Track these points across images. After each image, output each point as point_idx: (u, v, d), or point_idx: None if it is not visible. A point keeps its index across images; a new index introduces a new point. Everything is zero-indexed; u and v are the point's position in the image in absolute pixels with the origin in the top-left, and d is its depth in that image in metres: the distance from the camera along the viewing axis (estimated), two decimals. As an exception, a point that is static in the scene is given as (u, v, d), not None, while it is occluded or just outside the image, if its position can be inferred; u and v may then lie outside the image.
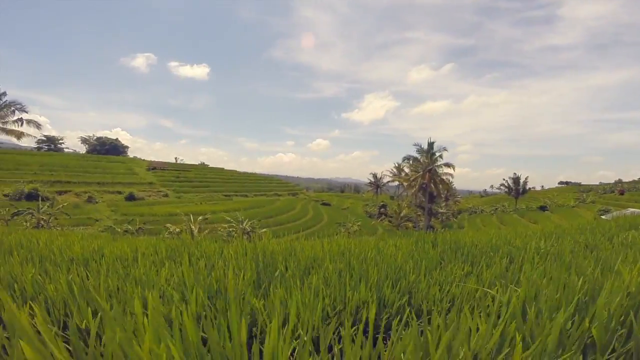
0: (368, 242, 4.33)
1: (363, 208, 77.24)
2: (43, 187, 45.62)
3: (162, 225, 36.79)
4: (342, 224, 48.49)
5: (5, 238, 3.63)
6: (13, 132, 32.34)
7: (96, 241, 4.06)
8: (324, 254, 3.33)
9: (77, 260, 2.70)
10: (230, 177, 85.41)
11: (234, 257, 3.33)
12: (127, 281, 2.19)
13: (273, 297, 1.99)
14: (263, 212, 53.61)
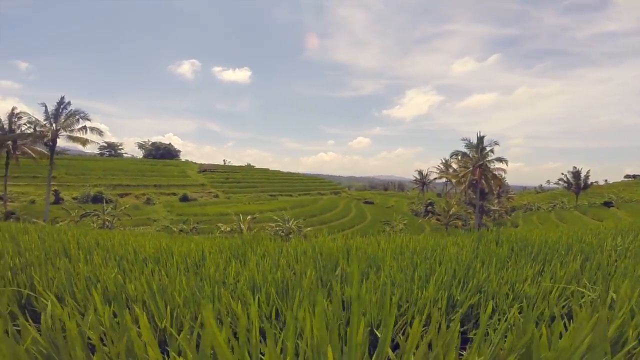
0: (427, 240, 4.38)
1: (408, 206, 75.57)
2: (106, 190, 49.79)
3: (214, 225, 38.67)
4: (387, 223, 47.88)
5: (84, 238, 3.98)
6: (79, 139, 35.48)
7: (164, 240, 4.43)
8: (383, 252, 3.45)
9: (150, 259, 2.95)
10: (275, 177, 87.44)
11: (293, 255, 3.55)
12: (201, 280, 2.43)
13: (340, 295, 2.13)
14: (307, 211, 54.37)
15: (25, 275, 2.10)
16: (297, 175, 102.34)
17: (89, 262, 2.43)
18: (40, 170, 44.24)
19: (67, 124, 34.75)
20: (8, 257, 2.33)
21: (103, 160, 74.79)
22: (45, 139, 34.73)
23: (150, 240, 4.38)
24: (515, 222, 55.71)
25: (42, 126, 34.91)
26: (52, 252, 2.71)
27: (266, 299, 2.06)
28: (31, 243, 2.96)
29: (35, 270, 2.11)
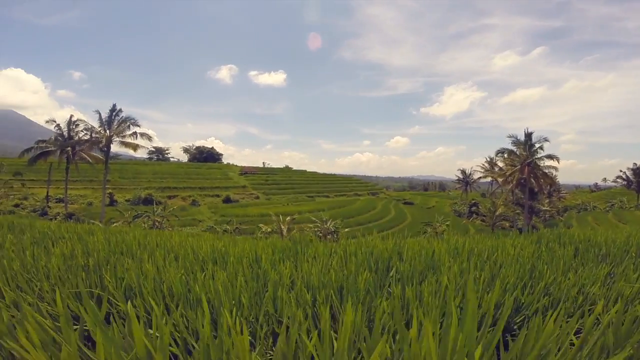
0: (484, 242, 4.18)
1: (451, 207, 73.06)
2: (156, 193, 52.70)
3: (255, 225, 39.67)
4: (428, 224, 46.55)
5: (143, 240, 4.16)
6: (130, 144, 37.86)
7: (220, 241, 4.55)
8: (438, 254, 3.32)
9: (207, 259, 3.04)
10: (312, 179, 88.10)
11: (343, 257, 3.51)
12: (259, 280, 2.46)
13: (399, 297, 2.07)
14: (344, 212, 54.22)
15: (95, 275, 2.21)
16: (334, 176, 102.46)
17: (153, 262, 2.53)
18: (97, 174, 47.70)
19: (120, 130, 37.18)
20: (80, 257, 2.48)
21: (152, 164, 79.30)
22: (100, 145, 37.40)
23: (206, 241, 4.50)
24: (569, 223, 52.06)
25: (97, 133, 37.64)
26: (117, 252, 2.87)
27: (325, 300, 2.04)
28: (98, 244, 3.15)
29: (105, 270, 2.21)
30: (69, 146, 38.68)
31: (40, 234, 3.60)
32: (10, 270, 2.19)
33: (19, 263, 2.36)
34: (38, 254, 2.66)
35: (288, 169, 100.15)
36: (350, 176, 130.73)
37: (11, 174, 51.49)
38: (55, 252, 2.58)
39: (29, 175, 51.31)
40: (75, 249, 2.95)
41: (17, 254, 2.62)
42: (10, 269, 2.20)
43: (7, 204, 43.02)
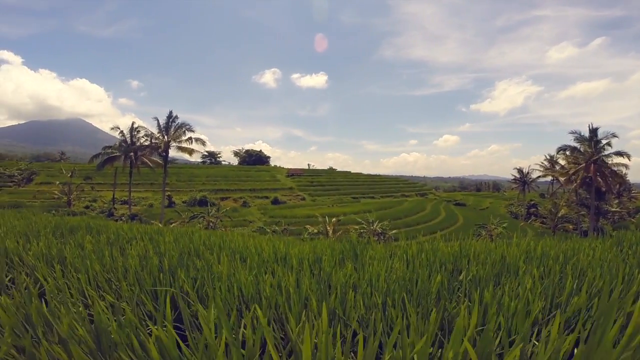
0: (558, 245, 3.84)
1: (506, 208, 68.94)
2: (210, 195, 55.41)
3: (302, 227, 40.18)
4: (483, 226, 44.23)
5: (207, 240, 4.30)
6: (186, 149, 40.13)
7: (279, 242, 4.60)
8: (514, 257, 3.09)
9: (269, 260, 3.06)
10: (357, 180, 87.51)
11: (404, 259, 3.37)
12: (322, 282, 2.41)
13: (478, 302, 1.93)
14: (391, 214, 53.18)
15: (170, 275, 2.27)
16: (379, 177, 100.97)
17: (221, 262, 2.58)
18: (156, 178, 51.18)
19: (176, 136, 39.59)
20: (154, 257, 2.58)
21: (206, 167, 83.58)
22: (159, 150, 40.05)
23: (267, 242, 4.57)
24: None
25: (156, 138, 40.37)
26: (186, 252, 2.97)
27: (394, 303, 1.95)
28: (168, 244, 3.29)
29: (181, 271, 2.27)
30: (131, 151, 41.88)
31: (115, 235, 3.85)
32: (92, 270, 2.33)
33: (99, 263, 2.51)
34: (115, 254, 2.82)
35: (332, 171, 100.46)
36: (396, 177, 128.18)
37: (82, 178, 56.86)
38: (132, 253, 2.72)
39: (97, 179, 56.37)
40: (147, 249, 3.10)
41: (97, 254, 2.80)
42: (92, 269, 2.34)
43: (78, 206, 47.57)
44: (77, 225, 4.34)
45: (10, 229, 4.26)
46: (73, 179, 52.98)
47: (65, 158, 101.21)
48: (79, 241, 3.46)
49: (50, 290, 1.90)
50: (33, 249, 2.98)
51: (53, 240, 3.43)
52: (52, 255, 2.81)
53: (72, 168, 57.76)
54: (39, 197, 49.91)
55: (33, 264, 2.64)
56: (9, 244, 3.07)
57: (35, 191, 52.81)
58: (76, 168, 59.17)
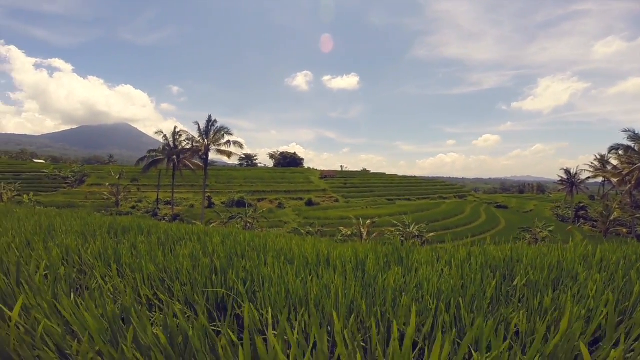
0: (619, 249, 3.55)
1: (552, 210, 65.12)
2: (247, 196, 56.84)
3: (336, 228, 40.12)
4: (526, 229, 42.02)
5: (252, 241, 4.33)
6: (224, 152, 41.43)
7: (321, 244, 4.58)
8: (571, 261, 2.88)
9: (313, 262, 3.04)
10: (392, 182, 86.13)
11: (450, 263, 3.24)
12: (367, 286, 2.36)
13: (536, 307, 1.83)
14: (428, 216, 51.80)
15: (221, 275, 2.31)
16: (415, 179, 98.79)
17: (268, 264, 2.60)
18: (197, 180, 53.16)
19: (216, 139, 41.00)
20: (205, 258, 2.65)
21: (243, 170, 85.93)
22: (200, 153, 41.64)
23: (309, 244, 4.57)
24: None
25: (196, 142, 42.02)
26: (233, 253, 3.03)
27: (447, 307, 1.88)
28: (215, 245, 3.38)
29: (229, 271, 2.31)
30: (174, 155, 43.88)
31: (164, 235, 4.02)
32: (146, 270, 2.42)
33: (152, 263, 2.60)
34: (167, 254, 2.92)
35: (366, 172, 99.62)
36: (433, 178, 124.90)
37: (129, 180, 60.32)
38: (184, 253, 2.80)
39: (143, 181, 59.52)
40: (195, 250, 3.20)
41: (150, 254, 2.91)
42: (146, 269, 2.43)
43: (125, 206, 50.48)
44: (129, 226, 4.58)
45: (69, 228, 4.57)
46: (121, 180, 56.37)
47: (113, 161, 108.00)
48: (132, 241, 3.64)
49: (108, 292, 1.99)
50: (90, 248, 3.14)
51: (108, 240, 3.62)
52: (109, 254, 2.95)
53: (120, 170, 61.46)
54: (90, 197, 53.53)
55: (92, 263, 2.79)
56: (70, 243, 3.27)
57: (86, 192, 56.73)
58: (124, 170, 62.92)
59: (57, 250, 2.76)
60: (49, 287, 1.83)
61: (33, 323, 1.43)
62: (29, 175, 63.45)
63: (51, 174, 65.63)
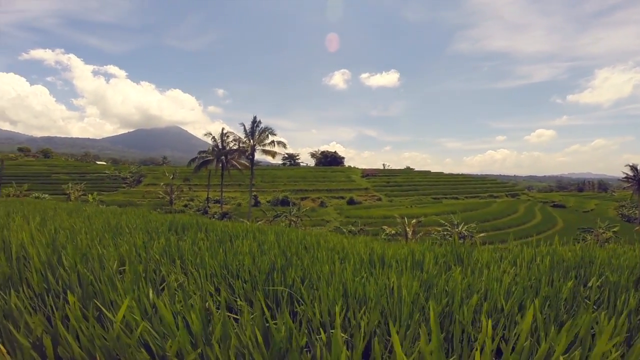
0: None
1: (617, 210, 59.54)
2: (291, 195, 57.91)
3: (379, 227, 39.62)
4: (587, 230, 38.82)
5: (305, 239, 4.36)
6: (269, 152, 42.48)
7: (374, 243, 4.53)
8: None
9: (367, 261, 3.00)
10: (438, 180, 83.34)
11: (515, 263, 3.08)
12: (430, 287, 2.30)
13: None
14: (478, 216, 49.49)
15: (280, 272, 2.36)
16: (462, 177, 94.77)
17: (322, 262, 2.63)
18: (244, 179, 54.99)
19: (260, 139, 42.22)
20: (264, 255, 2.74)
21: (286, 169, 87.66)
22: (246, 153, 43.09)
23: (361, 242, 4.53)
24: None
25: (243, 142, 43.49)
26: (288, 250, 3.11)
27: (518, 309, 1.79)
28: (270, 243, 3.49)
29: (287, 269, 2.36)
30: (222, 155, 45.79)
31: (221, 233, 4.21)
32: (210, 268, 2.53)
33: (214, 260, 2.72)
34: (227, 251, 3.05)
35: (409, 170, 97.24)
36: (482, 176, 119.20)
37: (182, 179, 63.82)
38: (243, 250, 2.91)
39: (194, 181, 62.71)
40: (252, 247, 3.31)
41: (210, 251, 3.05)
42: (210, 267, 2.54)
43: (178, 204, 53.44)
44: (189, 224, 4.85)
45: (134, 226, 4.93)
46: (174, 180, 59.81)
47: (166, 162, 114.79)
48: (192, 238, 3.84)
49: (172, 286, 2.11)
50: (155, 245, 3.33)
51: (171, 237, 3.85)
52: (173, 251, 3.12)
53: (173, 171, 65.20)
54: (147, 196, 57.36)
55: (158, 260, 2.96)
56: (137, 241, 3.51)
57: (144, 191, 60.89)
58: (177, 171, 66.72)
59: (126, 247, 2.95)
60: (129, 284, 1.94)
61: (129, 323, 1.41)
62: (93, 176, 69.30)
63: (112, 174, 71.24)
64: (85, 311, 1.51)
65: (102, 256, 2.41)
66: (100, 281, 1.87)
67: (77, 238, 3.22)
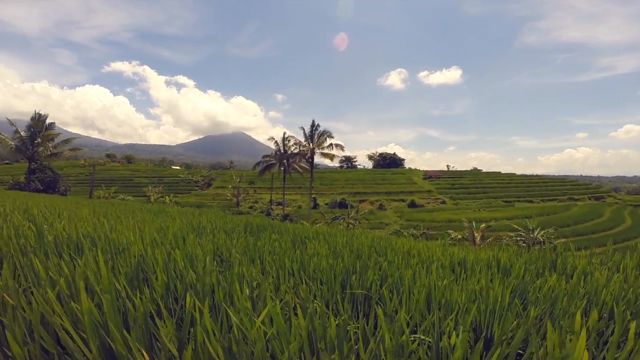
0: None
1: None
2: (348, 198, 57.96)
3: (444, 231, 37.92)
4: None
5: (375, 243, 4.36)
6: (328, 155, 42.98)
7: (451, 248, 4.40)
8: None
9: (447, 266, 2.95)
10: (509, 182, 77.38)
11: (615, 269, 2.81)
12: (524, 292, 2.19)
13: None
14: (556, 220, 45.02)
15: (359, 276, 2.40)
16: (538, 178, 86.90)
17: (400, 265, 2.64)
18: (303, 182, 56.35)
19: (319, 143, 42.92)
20: (340, 257, 2.82)
21: (344, 171, 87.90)
22: (306, 156, 44.11)
23: (438, 247, 4.44)
24: None
25: (302, 146, 44.57)
26: (360, 254, 3.16)
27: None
28: (340, 244, 3.59)
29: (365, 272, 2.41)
30: (284, 159, 47.38)
31: (293, 234, 4.40)
32: (287, 267, 2.66)
33: (289, 261, 2.85)
34: (303, 253, 3.18)
35: (477, 172, 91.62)
36: (560, 177, 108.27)
37: (247, 182, 67.23)
38: (319, 252, 3.03)
39: (258, 184, 65.64)
40: (324, 249, 3.41)
41: (285, 252, 3.20)
42: (287, 266, 2.68)
43: (244, 206, 56.30)
44: (262, 225, 5.14)
45: (214, 226, 5.34)
46: (240, 183, 63.19)
47: (233, 166, 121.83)
48: (267, 239, 4.06)
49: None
50: (235, 245, 3.56)
51: (249, 238, 4.12)
52: (251, 251, 3.32)
53: (240, 175, 68.97)
54: (217, 198, 61.29)
55: (240, 259, 3.16)
56: (219, 240, 3.80)
57: (213, 194, 65.16)
58: (243, 174, 70.49)
59: (210, 247, 3.21)
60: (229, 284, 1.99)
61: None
62: (169, 179, 75.83)
63: (185, 178, 77.36)
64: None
65: (200, 256, 2.62)
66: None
67: (171, 237, 3.59)
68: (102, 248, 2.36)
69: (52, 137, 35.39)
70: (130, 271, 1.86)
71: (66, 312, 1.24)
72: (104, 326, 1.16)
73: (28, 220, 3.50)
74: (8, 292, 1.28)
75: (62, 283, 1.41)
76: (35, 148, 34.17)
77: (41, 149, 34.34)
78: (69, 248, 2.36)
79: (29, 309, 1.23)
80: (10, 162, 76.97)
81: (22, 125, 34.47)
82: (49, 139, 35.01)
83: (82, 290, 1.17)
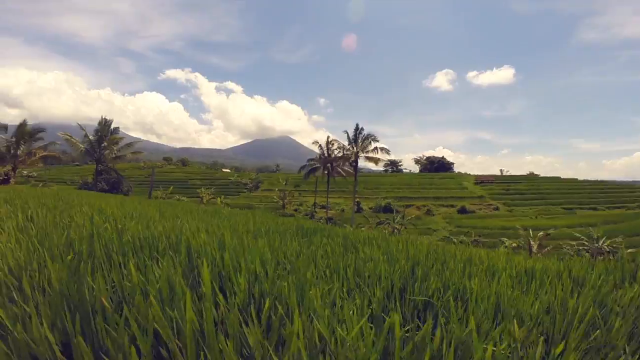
0: None
1: None
2: (394, 202, 56.88)
3: (497, 239, 35.93)
4: None
5: (431, 250, 4.23)
6: (372, 159, 42.54)
7: (516, 257, 4.19)
8: None
9: (513, 275, 2.81)
10: (571, 187, 71.54)
11: None
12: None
13: None
14: (625, 228, 40.79)
15: (420, 282, 2.35)
16: (603, 183, 79.42)
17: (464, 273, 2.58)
18: (347, 185, 56.21)
19: (363, 146, 42.64)
20: (398, 264, 2.79)
21: (389, 176, 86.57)
22: (350, 160, 44.01)
23: (502, 255, 4.27)
24: None
25: (346, 150, 44.51)
26: (417, 260, 3.10)
27: None
28: (394, 249, 3.54)
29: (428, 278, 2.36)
30: (328, 162, 47.67)
31: (343, 238, 4.41)
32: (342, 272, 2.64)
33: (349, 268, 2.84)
34: (357, 257, 3.18)
35: (534, 177, 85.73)
36: (629, 183, 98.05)
37: (293, 185, 68.53)
38: (375, 257, 3.01)
39: (303, 187, 66.63)
40: (377, 254, 3.38)
41: (341, 258, 3.20)
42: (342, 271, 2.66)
43: (289, 208, 57.37)
44: (312, 228, 5.21)
45: (267, 227, 5.50)
46: (286, 186, 64.58)
47: (279, 169, 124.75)
48: (319, 242, 4.10)
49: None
50: (289, 247, 3.59)
51: (302, 241, 4.19)
52: (305, 254, 3.35)
53: (286, 178, 70.50)
54: (264, 200, 63.10)
55: (294, 262, 3.19)
56: (274, 242, 3.89)
57: (261, 196, 67.20)
58: (289, 178, 72.00)
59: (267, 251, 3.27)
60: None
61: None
62: (220, 182, 79.36)
63: (235, 180, 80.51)
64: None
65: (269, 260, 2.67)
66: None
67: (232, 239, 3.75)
68: (187, 252, 2.40)
69: (117, 141, 38.55)
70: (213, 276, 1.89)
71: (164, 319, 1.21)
72: (203, 335, 1.14)
73: (104, 221, 3.83)
74: (105, 296, 1.31)
75: (156, 288, 1.46)
76: (102, 151, 37.40)
77: (107, 152, 37.54)
78: (151, 250, 2.49)
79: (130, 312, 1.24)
80: (79, 163, 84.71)
81: (89, 130, 37.97)
82: (114, 143, 38.17)
83: (189, 299, 1.13)
